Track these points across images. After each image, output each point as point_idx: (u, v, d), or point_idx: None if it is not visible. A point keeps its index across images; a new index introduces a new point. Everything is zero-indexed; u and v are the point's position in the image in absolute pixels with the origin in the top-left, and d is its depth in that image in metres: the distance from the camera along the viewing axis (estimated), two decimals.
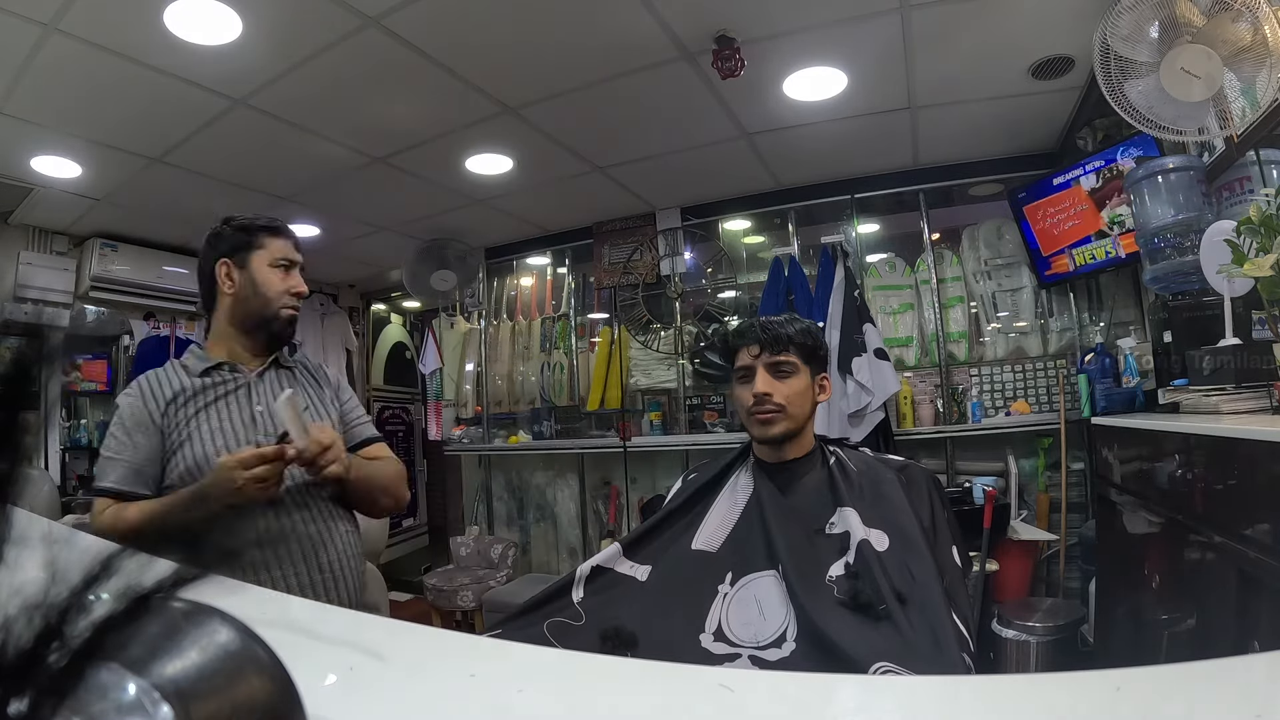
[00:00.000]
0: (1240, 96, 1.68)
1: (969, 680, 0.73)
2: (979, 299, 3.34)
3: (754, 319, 1.28)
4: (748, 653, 0.98)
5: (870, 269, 3.51)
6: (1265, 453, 1.09)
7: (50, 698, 0.21)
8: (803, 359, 1.22)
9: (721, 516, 1.21)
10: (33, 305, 3.50)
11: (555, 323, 4.20)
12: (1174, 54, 1.64)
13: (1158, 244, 2.06)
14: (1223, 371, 1.52)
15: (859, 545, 1.05)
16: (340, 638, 0.60)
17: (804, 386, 1.23)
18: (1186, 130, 1.73)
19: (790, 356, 1.21)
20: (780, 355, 1.21)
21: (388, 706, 0.46)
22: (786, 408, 1.20)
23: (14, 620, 0.21)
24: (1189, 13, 1.65)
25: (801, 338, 1.23)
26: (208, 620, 0.26)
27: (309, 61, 2.22)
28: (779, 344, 1.21)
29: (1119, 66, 1.73)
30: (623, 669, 0.60)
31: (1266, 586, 1.09)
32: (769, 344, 1.21)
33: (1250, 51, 1.57)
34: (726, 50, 2.19)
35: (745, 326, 1.26)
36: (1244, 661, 0.43)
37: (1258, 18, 1.56)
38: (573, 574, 1.17)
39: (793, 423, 1.21)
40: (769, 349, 1.21)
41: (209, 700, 0.24)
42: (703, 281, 3.77)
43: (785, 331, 1.22)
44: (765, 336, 1.21)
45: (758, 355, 1.22)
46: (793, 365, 1.21)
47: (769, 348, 1.21)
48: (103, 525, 1.17)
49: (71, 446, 3.78)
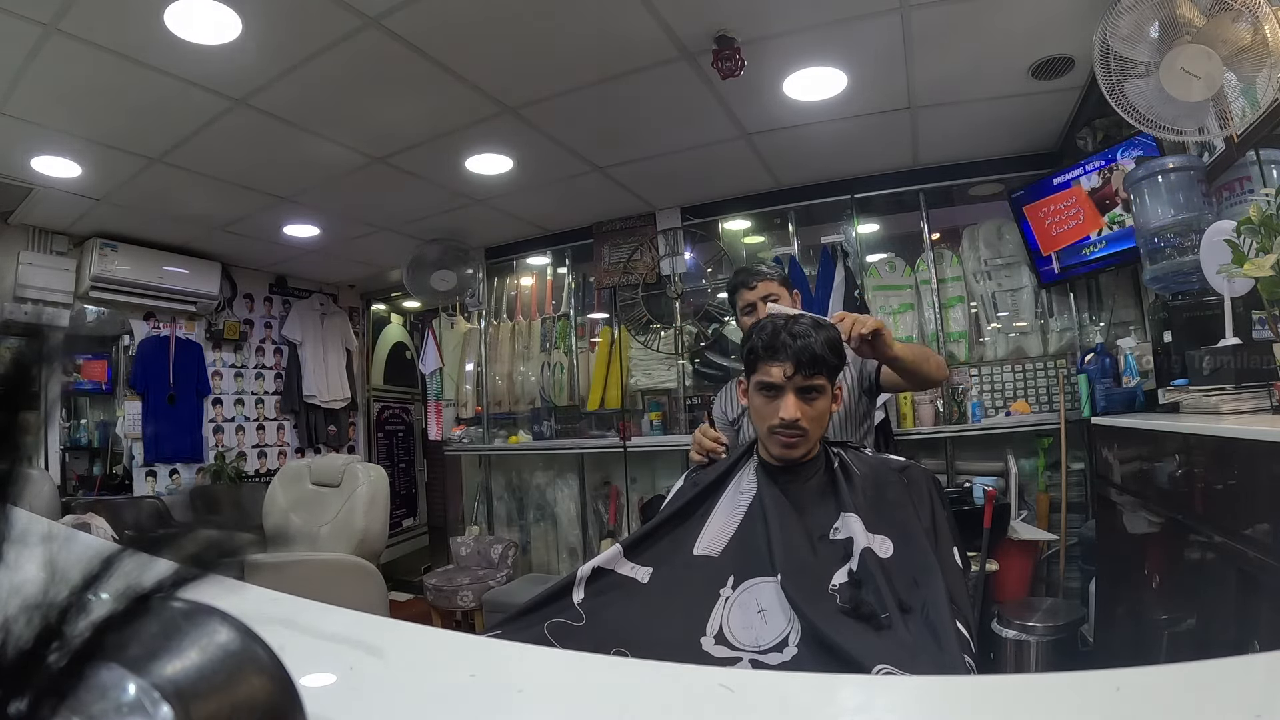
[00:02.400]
0: (1240, 96, 1.68)
1: (969, 680, 0.73)
2: (979, 299, 3.34)
3: (780, 325, 1.21)
4: (749, 656, 0.98)
5: (870, 269, 3.51)
6: (1265, 453, 1.09)
7: (50, 698, 0.21)
8: (829, 377, 1.21)
9: (724, 520, 1.21)
10: (33, 305, 3.50)
11: (555, 323, 4.20)
12: (1174, 54, 1.64)
13: (1158, 244, 2.06)
14: (1223, 371, 1.52)
15: (862, 553, 1.04)
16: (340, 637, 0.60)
17: (827, 405, 1.22)
18: (1186, 130, 1.73)
19: (821, 380, 1.19)
20: (813, 379, 1.18)
21: (388, 706, 0.46)
22: (810, 432, 1.19)
23: (14, 620, 0.21)
24: (1189, 13, 1.64)
25: (829, 356, 1.19)
26: (208, 620, 0.26)
27: (309, 61, 2.22)
28: (814, 366, 1.17)
29: (1119, 66, 1.73)
30: (623, 669, 0.60)
31: (1266, 586, 1.09)
32: (804, 366, 1.17)
33: (1250, 51, 1.57)
34: (726, 50, 2.19)
35: (776, 341, 1.19)
36: (1244, 661, 0.43)
37: (1258, 18, 1.56)
38: (573, 575, 1.17)
39: (813, 442, 1.22)
40: (803, 371, 1.17)
41: (209, 700, 0.24)
42: (703, 281, 3.76)
43: (818, 352, 1.17)
44: (802, 358, 1.16)
45: (790, 376, 1.17)
46: (822, 387, 1.19)
47: (803, 370, 1.17)
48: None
49: (71, 446, 3.78)
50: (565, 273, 4.26)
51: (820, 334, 1.20)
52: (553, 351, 4.16)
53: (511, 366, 4.25)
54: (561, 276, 4.30)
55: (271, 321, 4.82)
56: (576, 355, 4.06)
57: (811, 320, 1.24)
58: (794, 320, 1.22)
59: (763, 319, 1.30)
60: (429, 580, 3.63)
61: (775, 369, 1.18)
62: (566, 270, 4.25)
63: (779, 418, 1.17)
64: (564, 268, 4.28)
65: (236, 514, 3.83)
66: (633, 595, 1.13)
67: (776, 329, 1.20)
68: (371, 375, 5.66)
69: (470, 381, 4.36)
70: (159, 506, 3.65)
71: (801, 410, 1.17)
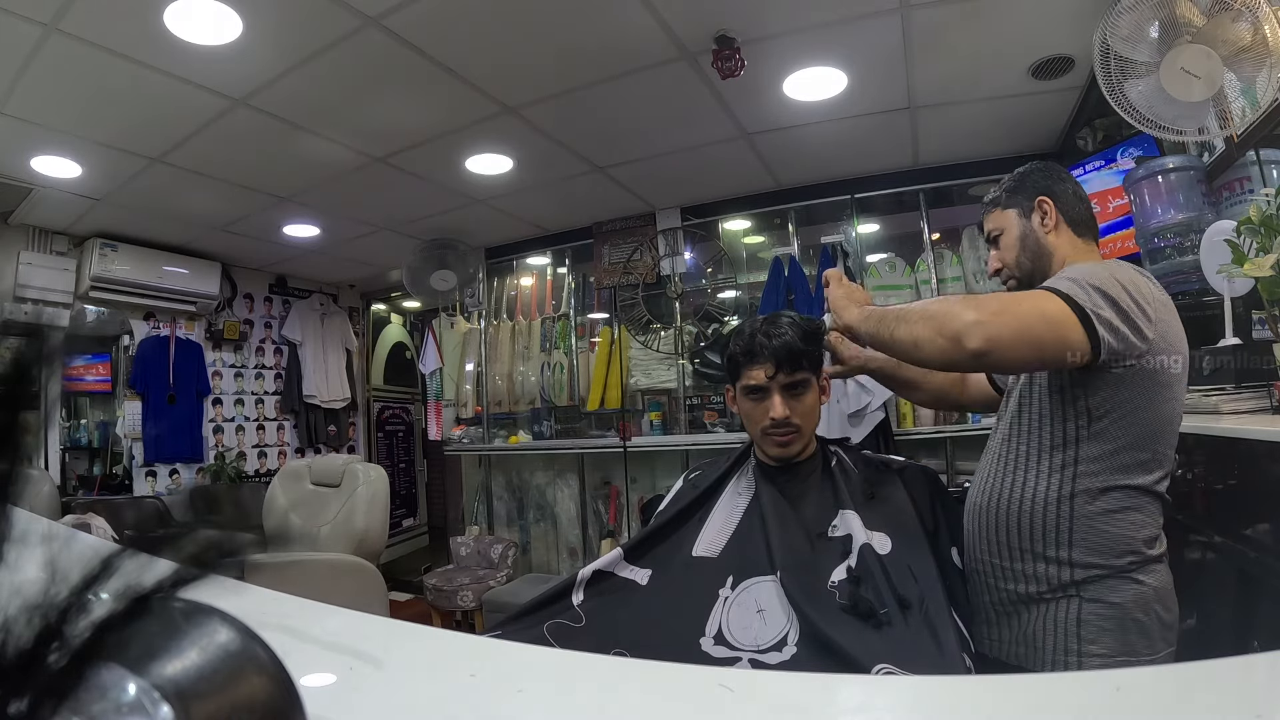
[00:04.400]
0: (1240, 96, 1.68)
1: (969, 680, 0.73)
2: None
3: (756, 328, 1.21)
4: (748, 656, 0.98)
5: (870, 269, 3.51)
6: (1265, 453, 1.09)
7: (50, 698, 0.21)
8: (812, 369, 1.21)
9: (723, 521, 1.21)
10: (33, 305, 3.50)
11: (555, 323, 4.20)
12: (1174, 54, 1.64)
13: (1158, 244, 2.06)
14: (1223, 371, 1.52)
15: (861, 549, 1.04)
16: (340, 638, 0.60)
17: (815, 398, 1.22)
18: (1186, 130, 1.73)
19: (804, 374, 1.18)
20: (796, 374, 1.17)
21: (387, 706, 0.46)
22: (803, 427, 1.19)
23: (14, 620, 0.21)
24: (1189, 13, 1.64)
25: (809, 349, 1.19)
26: (208, 620, 0.26)
27: (309, 61, 2.22)
28: (794, 362, 1.16)
29: (1119, 66, 1.73)
30: (623, 669, 0.60)
31: (1266, 586, 1.09)
32: (785, 363, 1.16)
33: (1250, 51, 1.57)
34: (726, 50, 2.19)
35: (753, 344, 1.18)
36: (1244, 661, 0.43)
37: (1258, 18, 1.56)
38: (573, 577, 1.17)
39: (807, 437, 1.22)
40: (784, 369, 1.17)
41: (209, 700, 0.24)
42: (703, 281, 3.77)
43: (796, 348, 1.17)
44: (781, 355, 1.16)
45: (773, 376, 1.17)
46: (806, 381, 1.19)
47: (784, 368, 1.17)
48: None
49: (71, 446, 3.78)
50: (565, 273, 4.27)
51: (796, 329, 1.19)
52: (553, 351, 4.16)
53: (511, 366, 4.25)
54: (561, 276, 4.30)
55: (271, 321, 4.82)
56: (576, 355, 4.06)
57: (787, 318, 1.23)
58: (768, 321, 1.22)
59: (740, 323, 1.31)
60: (429, 580, 3.64)
61: (757, 371, 1.18)
62: (566, 270, 4.25)
63: (769, 418, 1.18)
64: (564, 268, 4.28)
65: (236, 514, 3.83)
66: (632, 597, 1.13)
67: (753, 332, 1.20)
68: (371, 375, 5.66)
69: (470, 381, 4.36)
70: (159, 506, 3.65)
71: (790, 407, 1.18)
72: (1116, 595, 0.95)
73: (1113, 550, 0.96)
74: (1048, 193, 1.13)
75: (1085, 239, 1.14)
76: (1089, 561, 0.97)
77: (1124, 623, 0.95)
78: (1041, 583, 1.00)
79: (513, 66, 2.34)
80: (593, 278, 4.06)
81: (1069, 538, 0.98)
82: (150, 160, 2.87)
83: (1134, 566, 0.96)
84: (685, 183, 3.50)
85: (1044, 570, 1.00)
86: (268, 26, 2.05)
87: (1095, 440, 0.96)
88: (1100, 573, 0.96)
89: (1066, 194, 1.14)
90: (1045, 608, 1.00)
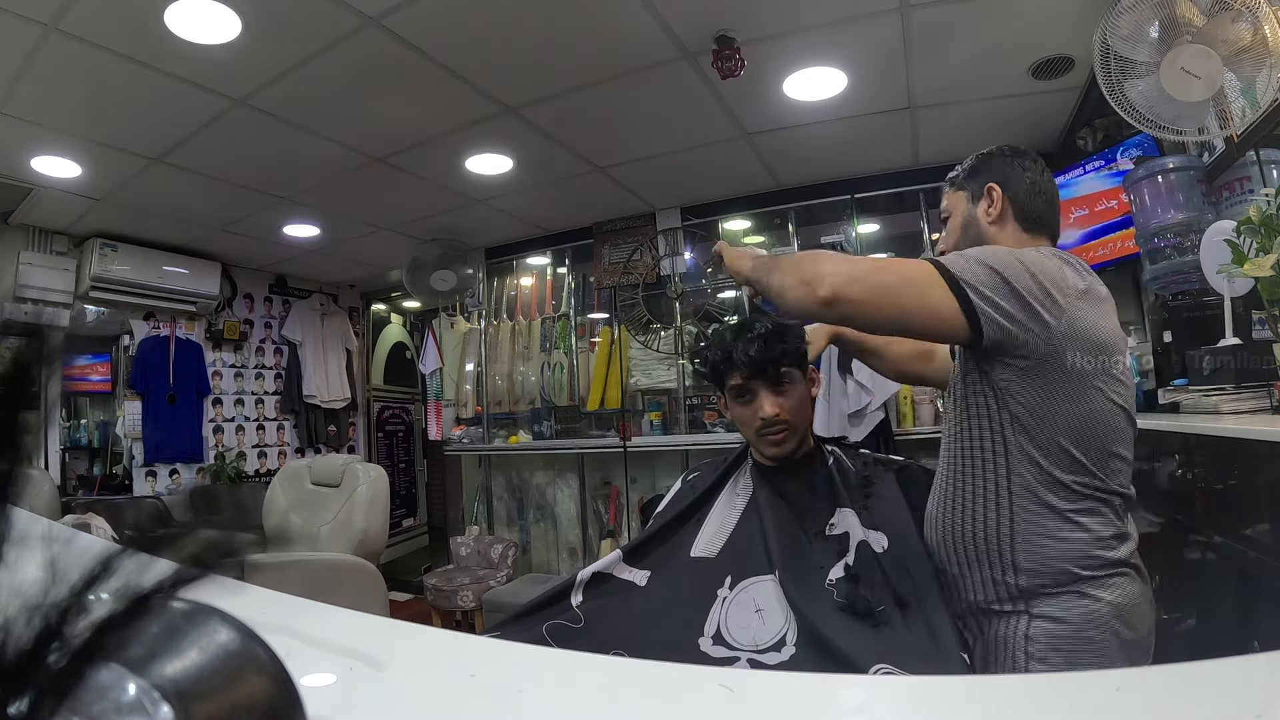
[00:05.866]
0: (1240, 96, 1.68)
1: (969, 680, 0.73)
2: None
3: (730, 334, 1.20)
4: (746, 656, 0.98)
5: None
6: (1265, 453, 1.09)
7: (50, 698, 0.21)
8: (796, 364, 1.20)
9: (720, 521, 1.21)
10: (33, 305, 3.50)
11: (555, 323, 4.20)
12: (1174, 54, 1.64)
13: (1158, 244, 2.06)
14: (1223, 371, 1.52)
15: (858, 546, 1.05)
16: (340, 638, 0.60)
17: (803, 391, 1.21)
18: (1186, 130, 1.73)
19: (787, 368, 1.18)
20: (778, 370, 1.17)
21: (387, 707, 0.46)
22: (794, 422, 1.19)
23: (14, 620, 0.21)
24: (1189, 13, 1.64)
25: (786, 344, 1.18)
26: (208, 620, 0.26)
27: (309, 61, 2.22)
28: (774, 358, 1.16)
29: (1119, 66, 1.72)
30: (623, 669, 0.60)
31: (1266, 586, 1.09)
32: (765, 362, 1.16)
33: (1250, 51, 1.57)
34: (726, 50, 2.19)
35: (731, 350, 1.17)
36: (1244, 661, 0.43)
37: (1258, 18, 1.56)
38: (572, 578, 1.17)
39: (801, 432, 1.21)
40: (766, 367, 1.17)
41: (209, 700, 0.24)
42: (703, 281, 3.77)
43: (775, 345, 1.16)
44: (759, 359, 1.15)
45: (755, 376, 1.17)
46: (790, 374, 1.19)
47: (766, 366, 1.16)
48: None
49: (71, 446, 3.78)
50: (565, 273, 4.27)
51: (768, 326, 1.18)
52: (553, 351, 4.16)
53: (511, 366, 4.25)
54: (561, 276, 4.30)
55: (271, 321, 4.82)
56: (576, 355, 4.06)
57: (757, 318, 1.22)
58: (740, 325, 1.21)
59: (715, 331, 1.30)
60: (429, 580, 3.63)
61: (739, 375, 1.18)
62: (566, 270, 4.25)
63: (759, 418, 1.18)
64: (564, 268, 4.28)
65: (236, 514, 3.83)
66: (630, 598, 1.13)
67: (728, 338, 1.20)
68: (371, 375, 5.66)
69: (470, 381, 4.36)
70: (159, 506, 3.65)
71: (779, 405, 1.17)
72: (1065, 612, 0.91)
73: (1064, 556, 0.91)
74: (1001, 180, 1.06)
75: (1034, 235, 1.06)
76: (1035, 569, 0.92)
77: (1074, 641, 0.90)
78: (991, 593, 0.96)
79: (513, 66, 2.34)
80: (593, 278, 4.06)
81: (1010, 544, 0.93)
82: (150, 160, 2.87)
83: (1085, 580, 0.90)
84: (685, 183, 3.50)
85: (993, 580, 0.96)
86: (267, 26, 2.05)
87: (1025, 443, 0.92)
88: (1046, 586, 0.91)
89: (1022, 184, 1.06)
90: (1001, 620, 0.96)
